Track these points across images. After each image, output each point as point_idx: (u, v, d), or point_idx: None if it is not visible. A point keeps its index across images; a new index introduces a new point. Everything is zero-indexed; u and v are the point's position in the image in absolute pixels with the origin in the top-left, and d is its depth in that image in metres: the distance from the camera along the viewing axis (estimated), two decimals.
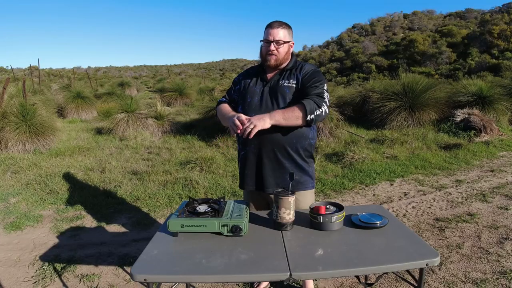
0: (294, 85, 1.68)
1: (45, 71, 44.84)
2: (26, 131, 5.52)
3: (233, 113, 1.67)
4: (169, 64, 76.02)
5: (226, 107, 1.79)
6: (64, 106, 9.86)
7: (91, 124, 8.32)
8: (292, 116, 1.55)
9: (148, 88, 23.51)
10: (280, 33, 1.65)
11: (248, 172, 1.76)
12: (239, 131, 1.53)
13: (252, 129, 1.49)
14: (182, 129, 7.20)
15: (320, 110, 1.59)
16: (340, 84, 19.98)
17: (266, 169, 1.71)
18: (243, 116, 1.55)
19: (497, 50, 20.55)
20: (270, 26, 1.66)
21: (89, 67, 62.22)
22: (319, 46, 43.29)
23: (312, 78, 1.65)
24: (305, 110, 1.55)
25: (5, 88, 6.16)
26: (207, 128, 6.73)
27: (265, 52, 1.68)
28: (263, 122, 1.51)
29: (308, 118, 1.56)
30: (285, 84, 1.68)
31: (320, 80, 1.66)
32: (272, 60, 1.67)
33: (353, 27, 45.04)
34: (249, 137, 1.50)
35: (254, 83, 1.75)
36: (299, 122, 1.57)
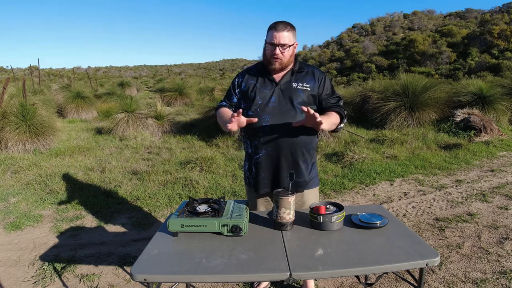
0: (308, 89, 1.68)
1: (45, 71, 44.84)
2: (26, 131, 5.52)
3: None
4: (169, 64, 76.06)
5: (227, 112, 1.73)
6: (64, 106, 9.86)
7: (91, 124, 8.32)
8: (333, 124, 1.66)
9: (148, 88, 23.51)
10: (286, 37, 1.60)
11: (264, 174, 1.73)
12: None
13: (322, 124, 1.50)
14: (182, 129, 7.20)
15: (345, 121, 1.73)
16: (340, 84, 19.98)
17: (283, 171, 1.70)
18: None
19: (497, 50, 20.52)
20: (275, 28, 1.60)
21: (89, 67, 62.21)
22: (319, 46, 43.26)
23: (331, 87, 1.75)
24: (341, 121, 1.69)
25: (5, 88, 6.16)
26: (207, 128, 6.72)
27: (269, 55, 1.63)
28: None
29: (338, 127, 1.70)
30: (299, 87, 1.68)
31: (334, 89, 1.77)
32: (277, 64, 1.64)
33: (353, 27, 45.01)
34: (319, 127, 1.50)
35: (261, 84, 1.70)
36: (332, 128, 1.68)
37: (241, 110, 1.51)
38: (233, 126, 1.53)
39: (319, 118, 1.47)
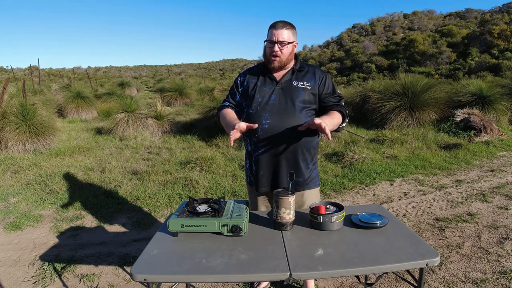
0: (309, 87, 1.69)
1: (45, 71, 44.85)
2: (26, 131, 5.52)
3: (236, 121, 1.63)
4: (169, 64, 76.10)
5: (230, 114, 1.74)
6: (64, 106, 9.86)
7: (91, 124, 8.33)
8: (336, 125, 1.66)
9: (148, 88, 23.52)
10: (284, 34, 1.62)
11: (263, 173, 1.74)
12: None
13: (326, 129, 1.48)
14: (182, 129, 7.20)
15: (347, 120, 1.73)
16: (340, 84, 19.98)
17: (283, 170, 1.70)
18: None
19: (497, 50, 20.53)
20: (274, 26, 1.64)
21: (89, 67, 62.23)
22: (319, 46, 43.27)
23: (332, 86, 1.76)
24: (343, 120, 1.69)
25: (5, 88, 6.16)
26: (207, 128, 6.73)
27: (269, 53, 1.66)
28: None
29: (340, 126, 1.70)
30: (300, 86, 1.69)
31: (336, 89, 1.78)
32: (276, 63, 1.66)
33: (353, 27, 45.02)
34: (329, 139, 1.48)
35: (262, 83, 1.72)
36: (335, 128, 1.68)
37: (237, 134, 1.52)
38: (235, 135, 1.53)
39: (327, 130, 1.45)
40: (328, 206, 1.51)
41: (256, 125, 1.57)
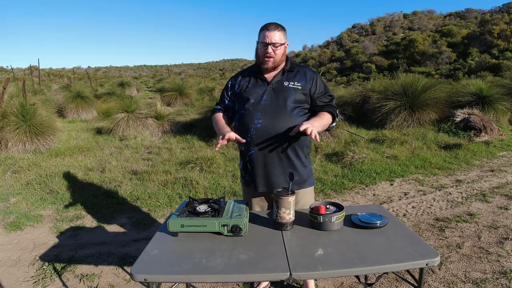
0: (300, 87, 1.71)
1: (45, 71, 44.87)
2: (26, 131, 5.52)
3: (226, 129, 1.70)
4: (169, 64, 76.18)
5: (221, 120, 1.80)
6: (64, 106, 9.86)
7: (91, 124, 8.33)
8: (326, 125, 1.71)
9: (148, 88, 23.52)
10: (277, 36, 1.66)
11: (258, 172, 1.75)
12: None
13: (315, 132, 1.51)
14: (182, 129, 7.20)
15: (337, 119, 1.77)
16: (340, 84, 19.99)
17: (276, 168, 1.72)
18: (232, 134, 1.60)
19: (497, 50, 20.55)
20: (266, 28, 1.67)
21: (89, 67, 62.29)
22: (319, 46, 43.31)
23: (323, 86, 1.78)
24: (333, 120, 1.74)
25: (5, 88, 6.16)
26: (207, 128, 6.72)
27: (262, 55, 1.69)
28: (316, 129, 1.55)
29: (331, 126, 1.74)
30: (291, 86, 1.71)
31: (327, 88, 1.80)
32: (270, 63, 1.69)
33: (353, 27, 45.06)
34: (317, 140, 1.50)
35: (253, 84, 1.75)
36: (324, 128, 1.72)
37: (225, 141, 1.57)
38: (223, 142, 1.59)
39: (313, 135, 1.49)
40: (328, 206, 1.51)
41: (244, 141, 1.64)
